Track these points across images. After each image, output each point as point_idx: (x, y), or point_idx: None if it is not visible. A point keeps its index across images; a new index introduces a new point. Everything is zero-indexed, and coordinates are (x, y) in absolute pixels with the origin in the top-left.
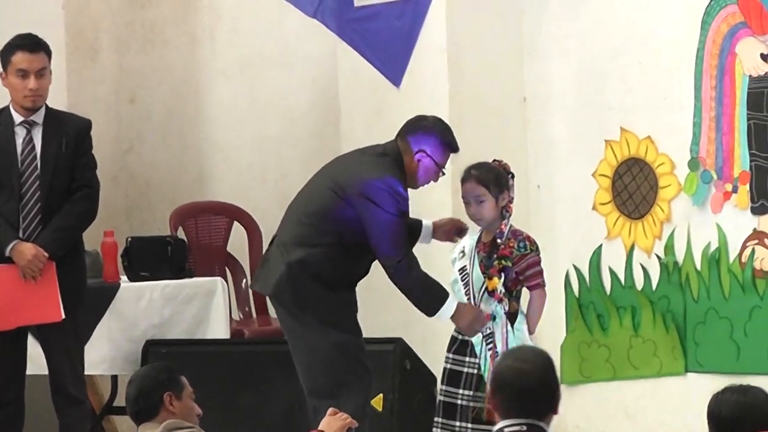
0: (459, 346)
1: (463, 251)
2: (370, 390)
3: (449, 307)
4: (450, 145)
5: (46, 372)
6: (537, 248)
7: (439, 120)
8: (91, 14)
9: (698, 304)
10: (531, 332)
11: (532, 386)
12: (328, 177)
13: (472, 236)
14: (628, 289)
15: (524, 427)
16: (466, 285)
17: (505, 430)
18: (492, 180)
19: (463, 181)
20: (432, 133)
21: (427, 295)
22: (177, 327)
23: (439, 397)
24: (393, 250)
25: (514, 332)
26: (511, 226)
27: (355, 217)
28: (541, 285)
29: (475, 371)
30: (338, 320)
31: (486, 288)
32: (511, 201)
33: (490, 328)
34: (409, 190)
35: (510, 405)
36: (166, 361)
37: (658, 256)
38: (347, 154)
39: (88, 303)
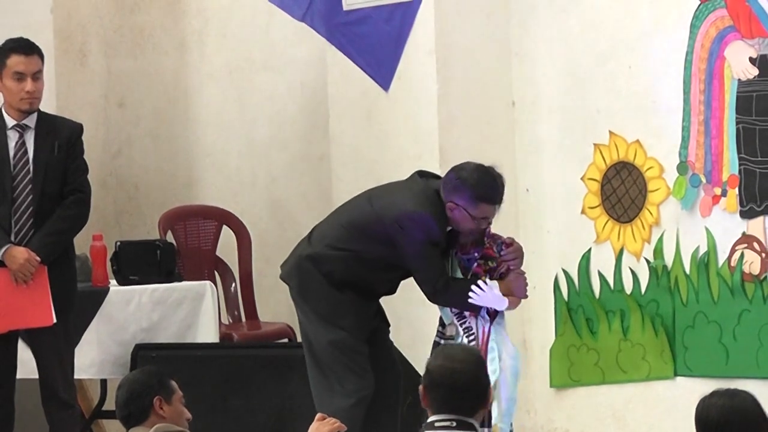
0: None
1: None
2: (366, 392)
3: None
4: (484, 199)
5: (36, 376)
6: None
7: (478, 170)
8: (80, 18)
9: (687, 308)
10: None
11: (462, 385)
12: (375, 196)
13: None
14: (617, 292)
15: (454, 423)
16: None
17: (436, 424)
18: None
19: None
20: (464, 186)
21: (467, 301)
22: (166, 331)
23: None
24: (427, 282)
25: (494, 327)
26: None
27: (382, 237)
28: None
29: None
30: (336, 318)
31: None
32: None
33: (471, 325)
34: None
35: (442, 403)
36: (155, 365)
37: (647, 260)
38: (399, 181)
39: (77, 307)
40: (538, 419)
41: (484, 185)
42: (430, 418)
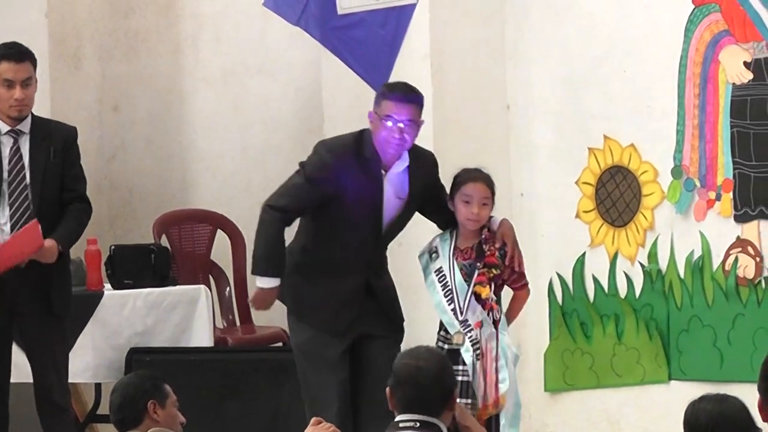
0: (447, 356)
1: (436, 251)
2: (326, 401)
3: (266, 282)
4: (386, 93)
5: (31, 380)
6: None
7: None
8: (75, 23)
9: (681, 312)
10: (509, 322)
11: (427, 383)
12: None
13: (444, 239)
14: (611, 296)
15: (417, 424)
16: (445, 286)
17: (400, 424)
18: (494, 189)
19: (472, 180)
20: (379, 89)
21: (260, 253)
22: (160, 335)
23: None
24: (273, 197)
25: (501, 335)
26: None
27: (325, 191)
28: (526, 284)
29: (468, 379)
30: (300, 316)
31: (474, 295)
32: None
33: (476, 336)
34: None
35: (407, 401)
36: (149, 369)
37: (641, 264)
38: None
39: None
40: (533, 423)
41: (393, 84)
42: (396, 418)
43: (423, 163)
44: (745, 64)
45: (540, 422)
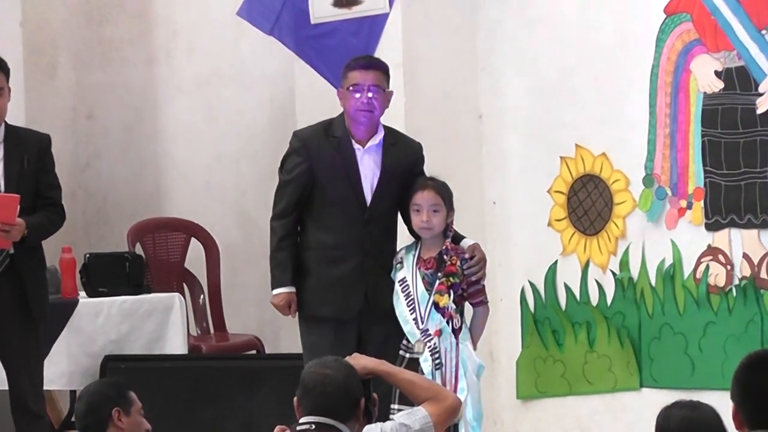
0: (408, 365)
1: (401, 262)
2: None
3: (276, 291)
4: (349, 66)
5: (5, 387)
6: None
7: None
8: (49, 32)
9: (653, 320)
10: (474, 346)
11: (334, 391)
12: None
13: (409, 250)
14: (583, 304)
15: (312, 426)
16: (408, 296)
17: (298, 428)
18: (447, 195)
19: (421, 189)
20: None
21: (270, 269)
22: (135, 342)
23: (392, 416)
24: (273, 211)
25: (462, 344)
26: (451, 242)
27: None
28: (484, 302)
29: None
30: (306, 307)
31: (433, 304)
32: (452, 222)
33: (436, 344)
34: None
35: (313, 408)
36: (124, 376)
37: (613, 272)
38: None
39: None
40: (505, 431)
41: (356, 56)
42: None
43: (403, 145)
44: (716, 73)
45: (512, 430)
